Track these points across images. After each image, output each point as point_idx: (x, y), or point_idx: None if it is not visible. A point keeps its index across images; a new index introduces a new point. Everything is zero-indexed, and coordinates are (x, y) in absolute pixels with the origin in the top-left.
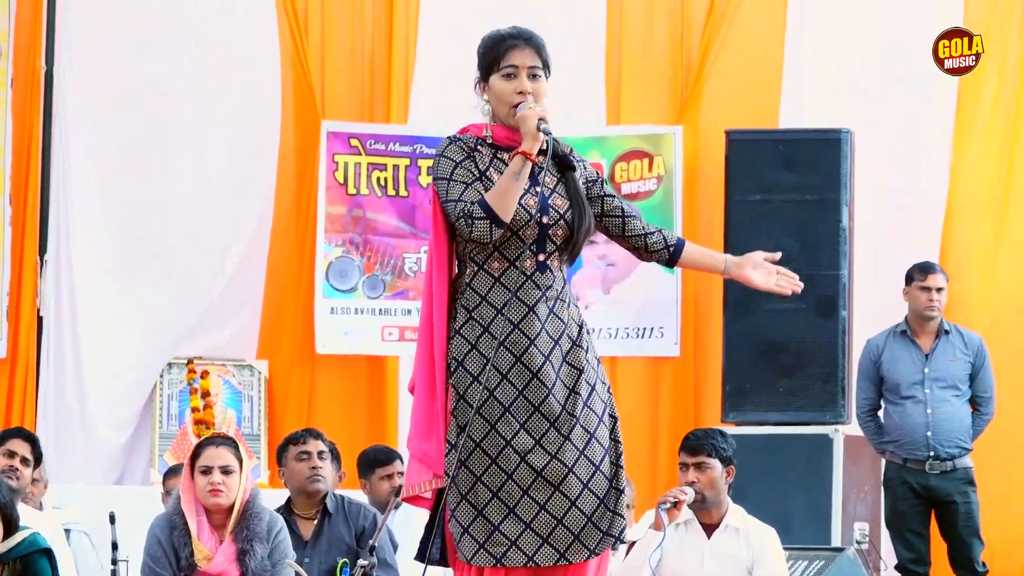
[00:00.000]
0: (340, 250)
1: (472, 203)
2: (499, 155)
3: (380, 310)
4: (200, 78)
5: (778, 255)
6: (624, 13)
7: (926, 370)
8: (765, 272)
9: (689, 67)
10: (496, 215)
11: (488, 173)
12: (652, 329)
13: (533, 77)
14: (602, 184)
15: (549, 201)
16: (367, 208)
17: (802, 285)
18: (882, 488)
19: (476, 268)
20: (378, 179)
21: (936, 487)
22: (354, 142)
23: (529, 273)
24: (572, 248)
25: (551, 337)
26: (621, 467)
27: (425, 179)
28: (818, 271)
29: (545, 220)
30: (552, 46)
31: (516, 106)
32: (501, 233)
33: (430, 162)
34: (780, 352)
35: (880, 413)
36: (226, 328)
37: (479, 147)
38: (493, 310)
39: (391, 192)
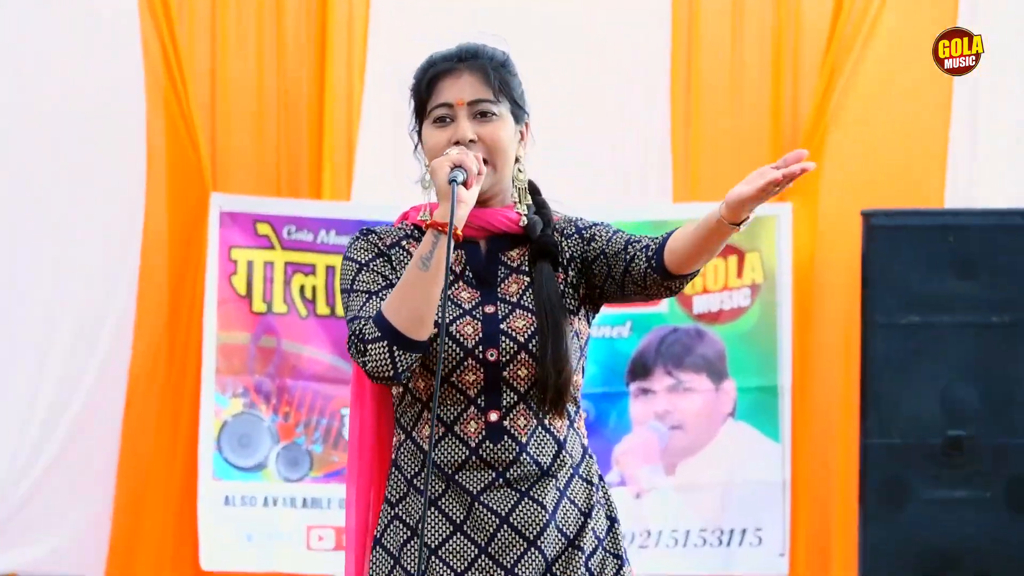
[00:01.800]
0: (240, 403)
1: (367, 318)
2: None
3: (305, 500)
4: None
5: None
6: (696, 41)
7: None
8: (750, 179)
9: (799, 118)
10: (398, 333)
11: None
12: (745, 532)
13: (481, 116)
14: (604, 228)
15: (503, 323)
16: (283, 335)
17: (812, 165)
18: None
19: (402, 437)
20: (302, 289)
21: None
22: (263, 228)
23: (474, 444)
24: (548, 396)
25: (527, 551)
26: None
27: None
28: (1011, 438)
29: (492, 356)
30: (591, 86)
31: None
32: (411, 363)
33: None
34: (950, 567)
35: None
36: (54, 531)
37: (407, 239)
38: (421, 504)
39: (323, 310)
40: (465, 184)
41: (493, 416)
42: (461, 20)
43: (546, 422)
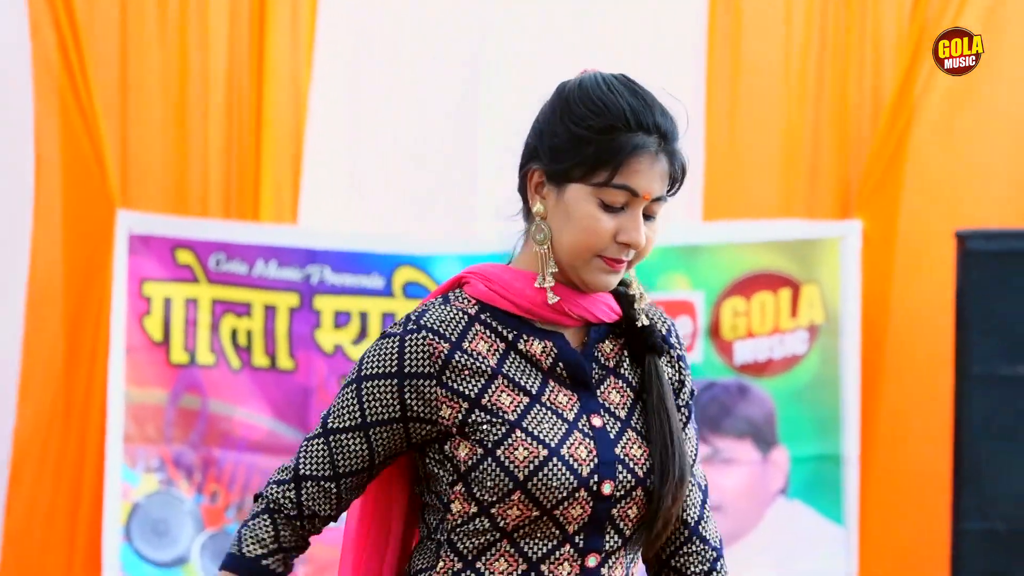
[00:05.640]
0: (155, 479)
1: (300, 485)
2: (523, 340)
3: None
4: None
5: None
6: (738, 18)
7: None
8: None
9: (871, 113)
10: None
11: (498, 377)
12: None
13: (647, 216)
14: (689, 411)
15: (620, 447)
16: (210, 392)
17: None
18: None
19: (459, 564)
20: (234, 334)
21: None
22: (184, 257)
23: None
24: (650, 530)
25: None
26: None
27: (329, 336)
28: None
29: (607, 489)
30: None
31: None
32: None
33: (344, 303)
34: None
35: None
36: None
37: (479, 324)
38: None
39: (260, 361)
40: None
41: (592, 561)
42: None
43: (630, 573)
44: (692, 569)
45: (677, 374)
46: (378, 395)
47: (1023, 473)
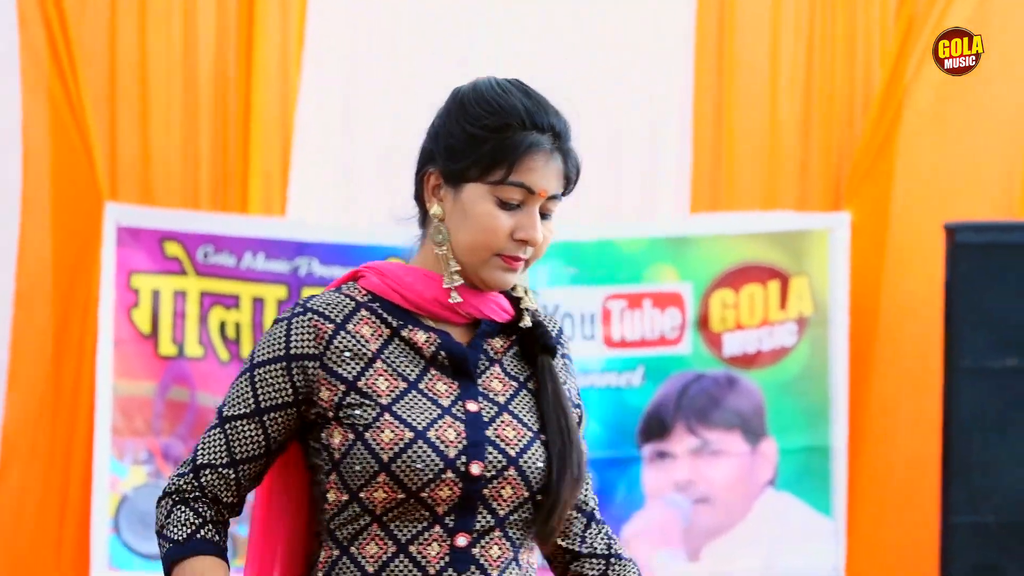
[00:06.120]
0: (143, 472)
1: (199, 472)
2: (408, 328)
3: None
4: None
5: None
6: (729, 7)
7: None
8: None
9: (860, 102)
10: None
11: (378, 361)
12: None
13: (543, 215)
14: (581, 410)
15: (491, 429)
16: (199, 385)
17: None
18: None
19: (336, 552)
20: (222, 326)
21: None
22: (172, 249)
23: (433, 571)
24: (545, 523)
25: None
26: None
27: None
28: None
29: (476, 470)
30: (589, 67)
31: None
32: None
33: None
34: None
35: None
36: None
37: (365, 310)
38: None
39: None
40: None
41: (461, 541)
42: None
43: (520, 558)
44: (599, 550)
45: (568, 376)
46: (270, 380)
47: (1012, 466)
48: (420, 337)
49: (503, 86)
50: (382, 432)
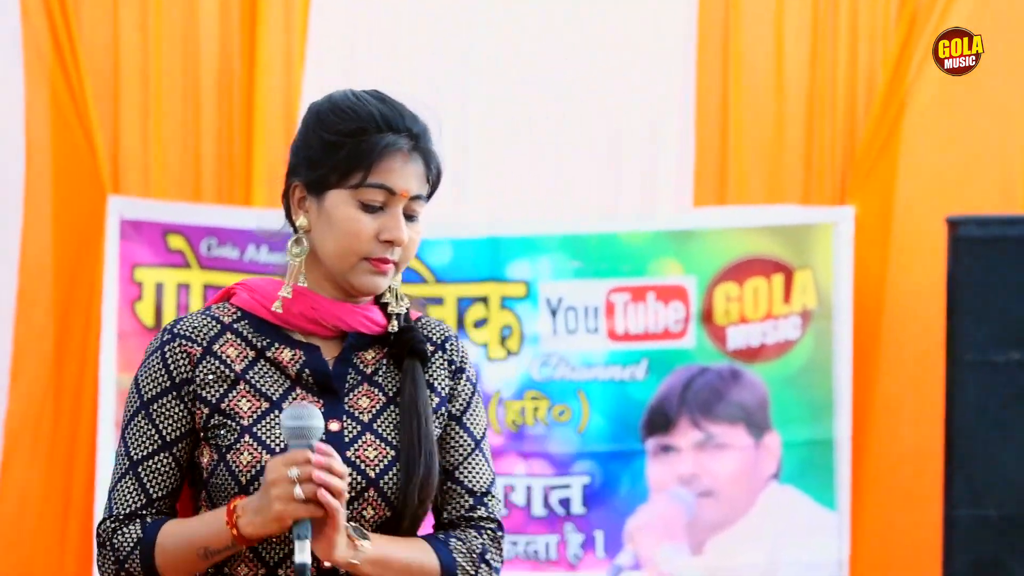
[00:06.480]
0: None
1: (129, 537)
2: (274, 348)
3: None
4: None
5: None
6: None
7: None
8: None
9: (864, 96)
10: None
11: (241, 383)
12: None
13: (408, 216)
14: (471, 424)
15: (350, 449)
16: None
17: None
18: None
19: (211, 571)
20: None
21: None
22: (176, 242)
23: None
24: (407, 531)
25: None
26: None
27: None
28: None
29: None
30: (590, 61)
31: (351, 286)
32: None
33: None
34: None
35: None
36: None
37: (230, 333)
38: None
39: None
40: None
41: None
42: None
43: None
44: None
45: (454, 384)
46: (167, 412)
47: (1014, 459)
48: (286, 356)
49: (357, 95)
50: (241, 454)
